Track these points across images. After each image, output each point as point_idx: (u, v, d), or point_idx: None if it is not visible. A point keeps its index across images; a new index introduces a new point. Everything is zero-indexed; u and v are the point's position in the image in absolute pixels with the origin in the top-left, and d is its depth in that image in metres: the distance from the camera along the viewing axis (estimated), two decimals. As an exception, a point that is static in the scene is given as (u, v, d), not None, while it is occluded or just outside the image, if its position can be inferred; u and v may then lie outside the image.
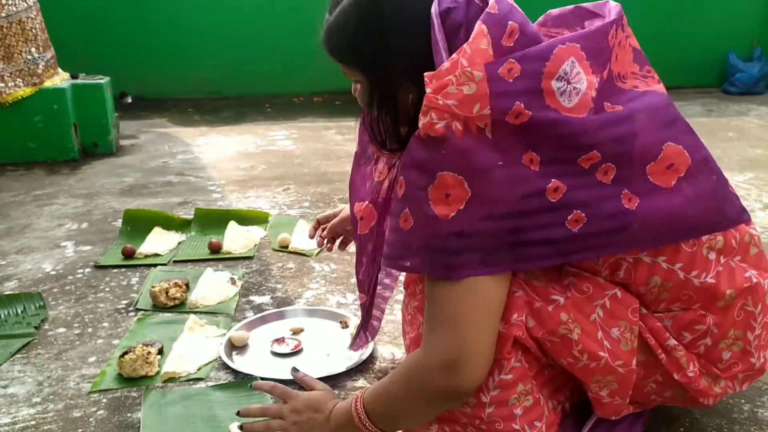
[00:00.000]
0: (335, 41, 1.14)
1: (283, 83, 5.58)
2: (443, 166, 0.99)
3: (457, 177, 0.99)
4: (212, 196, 2.94)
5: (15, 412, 1.40)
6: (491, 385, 1.06)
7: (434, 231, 1.00)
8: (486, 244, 0.99)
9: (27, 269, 2.14)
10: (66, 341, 1.68)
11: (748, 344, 1.11)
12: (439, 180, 0.99)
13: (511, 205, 0.99)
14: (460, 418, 1.11)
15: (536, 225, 1.00)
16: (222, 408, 1.40)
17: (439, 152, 0.98)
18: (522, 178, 0.99)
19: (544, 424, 1.11)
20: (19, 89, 3.39)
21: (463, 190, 0.99)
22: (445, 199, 0.99)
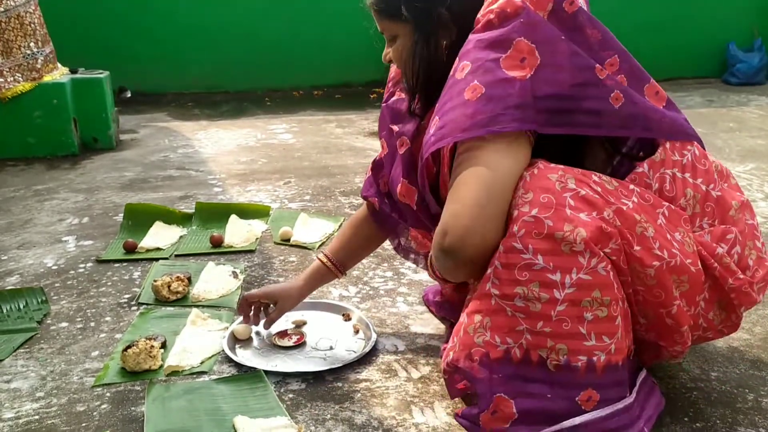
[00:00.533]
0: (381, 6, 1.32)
1: (283, 77, 5.58)
2: (520, 34, 1.14)
3: (530, 45, 1.14)
4: (213, 190, 2.94)
5: (18, 406, 1.40)
6: (567, 283, 1.07)
7: (511, 90, 1.13)
8: (550, 106, 1.13)
9: (29, 264, 2.14)
10: (69, 336, 1.68)
11: (759, 251, 1.24)
12: (516, 47, 1.14)
13: (572, 74, 1.15)
14: (517, 325, 1.09)
15: (588, 96, 1.16)
16: (225, 401, 1.40)
17: (518, 21, 1.15)
18: (578, 53, 1.16)
19: (614, 344, 1.09)
20: (18, 84, 3.38)
21: (534, 58, 1.14)
22: (521, 63, 1.14)
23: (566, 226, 1.06)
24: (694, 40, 5.94)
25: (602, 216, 1.08)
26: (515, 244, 1.08)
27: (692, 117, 1.18)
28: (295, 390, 1.44)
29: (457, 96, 1.16)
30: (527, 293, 1.08)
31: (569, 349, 1.08)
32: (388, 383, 1.46)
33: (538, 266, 1.07)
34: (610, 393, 1.10)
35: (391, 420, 1.33)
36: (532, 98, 1.13)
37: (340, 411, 1.36)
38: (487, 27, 1.19)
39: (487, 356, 1.12)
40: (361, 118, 4.57)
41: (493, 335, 1.11)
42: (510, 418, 1.12)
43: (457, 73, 1.19)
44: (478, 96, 1.14)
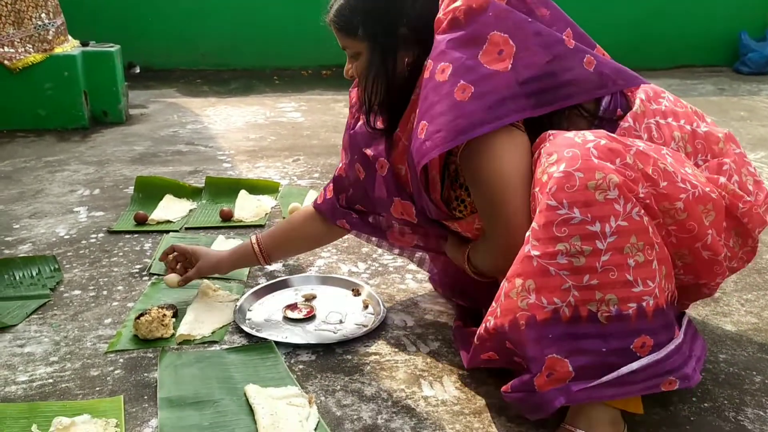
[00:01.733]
0: (345, 12, 1.32)
1: (291, 56, 5.56)
2: (491, 28, 1.19)
3: (502, 35, 1.19)
4: (222, 165, 2.94)
5: (32, 370, 1.41)
6: (608, 231, 1.05)
7: (499, 84, 1.17)
8: (535, 89, 1.18)
9: (41, 233, 2.15)
10: (82, 303, 1.70)
11: (754, 176, 1.26)
12: (491, 40, 1.18)
13: (546, 52, 1.20)
14: (563, 283, 1.07)
15: (564, 68, 1.21)
16: (237, 370, 1.41)
17: (486, 16, 1.19)
18: (545, 31, 1.22)
19: (657, 287, 1.08)
20: (29, 55, 3.38)
21: (510, 46, 1.19)
22: (499, 56, 1.18)
23: (597, 174, 1.06)
24: (706, 29, 5.90)
25: (625, 162, 1.09)
26: (549, 201, 1.07)
27: (703, 105, 1.21)
28: (305, 361, 1.45)
29: (446, 98, 1.18)
30: (569, 249, 1.06)
31: (619, 298, 1.06)
32: (398, 357, 1.47)
33: (576, 219, 1.06)
34: (662, 336, 1.09)
35: (401, 393, 1.34)
36: (517, 86, 1.17)
37: (350, 383, 1.38)
38: (453, 25, 1.21)
39: (534, 319, 1.09)
40: (370, 98, 4.55)
41: (539, 297, 1.09)
42: (567, 377, 1.10)
43: (437, 76, 1.20)
44: (469, 95, 1.16)
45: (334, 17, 1.35)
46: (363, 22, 1.31)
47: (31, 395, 1.33)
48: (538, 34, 1.21)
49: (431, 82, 1.21)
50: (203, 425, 1.23)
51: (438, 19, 1.25)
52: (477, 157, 1.22)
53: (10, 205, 2.41)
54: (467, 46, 1.19)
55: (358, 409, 1.29)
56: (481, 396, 1.33)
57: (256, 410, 1.25)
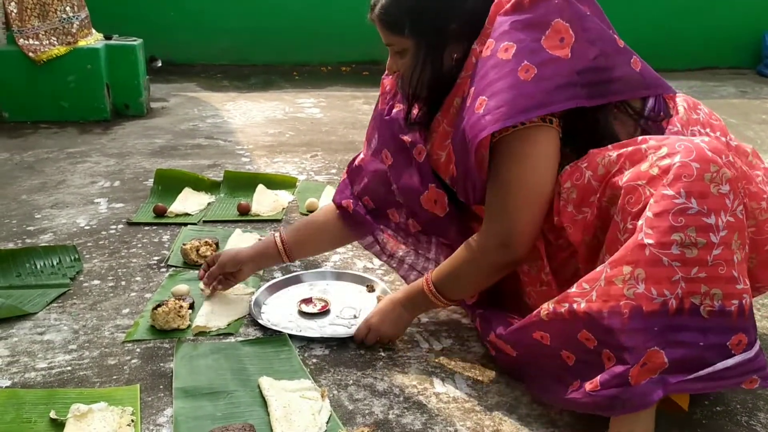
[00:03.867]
0: (392, 9, 1.32)
1: (311, 52, 5.58)
2: (555, 15, 1.22)
3: (564, 23, 1.22)
4: (241, 159, 2.97)
5: (51, 357, 1.44)
6: (721, 225, 1.05)
7: (560, 70, 1.20)
8: (590, 80, 1.22)
9: (62, 223, 2.19)
10: (100, 293, 1.73)
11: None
12: (554, 27, 1.22)
13: (601, 46, 1.24)
14: (673, 275, 1.05)
15: (614, 64, 1.26)
16: (251, 362, 1.43)
17: (551, 3, 1.23)
18: (601, 27, 1.26)
19: (746, 284, 1.08)
20: (53, 48, 3.43)
21: (569, 36, 1.22)
22: (560, 43, 1.21)
23: (713, 167, 1.05)
24: (729, 30, 5.83)
25: (729, 159, 1.09)
26: (666, 191, 1.06)
27: (725, 107, 1.22)
28: (319, 355, 1.47)
29: (509, 75, 1.20)
30: (684, 239, 1.04)
31: (723, 293, 1.05)
32: (410, 353, 1.48)
33: (692, 210, 1.04)
34: (753, 335, 1.08)
35: (412, 389, 1.35)
36: (575, 74, 1.21)
37: (363, 377, 1.39)
38: (517, 8, 1.24)
39: (640, 309, 1.06)
40: (389, 95, 4.56)
41: (649, 287, 1.05)
42: (660, 367, 1.06)
43: (500, 54, 1.22)
44: (532, 76, 1.19)
45: (380, 14, 1.34)
46: (411, 19, 1.31)
47: (50, 382, 1.36)
48: (594, 29, 1.25)
49: (492, 60, 1.23)
50: (216, 416, 1.25)
51: (499, 1, 1.28)
52: (508, 154, 1.24)
53: (33, 195, 2.45)
54: (531, 29, 1.22)
55: (370, 403, 1.31)
56: (492, 393, 1.34)
57: (269, 402, 1.27)
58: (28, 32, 3.39)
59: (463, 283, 1.37)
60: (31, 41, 3.39)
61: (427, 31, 1.32)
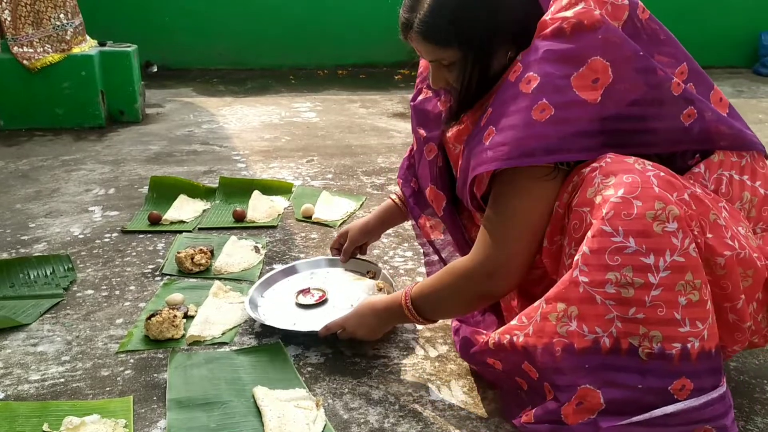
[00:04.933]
0: (436, 22, 1.18)
1: (308, 55, 5.57)
2: (595, 52, 1.08)
3: (604, 62, 1.08)
4: (237, 165, 2.96)
5: (44, 369, 1.43)
6: (662, 265, 1.00)
7: (583, 114, 1.08)
8: (616, 127, 1.09)
9: (56, 232, 2.18)
10: (94, 303, 1.72)
11: None
12: (590, 65, 1.08)
13: (644, 92, 1.10)
14: (607, 313, 1.03)
15: (658, 115, 1.12)
16: (246, 372, 1.42)
17: (595, 37, 1.08)
18: (653, 70, 1.11)
19: (707, 330, 1.02)
20: (47, 55, 3.42)
21: (607, 76, 1.08)
22: (592, 84, 1.08)
23: (657, 204, 1.01)
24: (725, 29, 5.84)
25: (683, 197, 1.04)
26: (604, 227, 1.02)
27: None
28: (314, 363, 1.46)
29: (522, 112, 1.10)
30: (619, 279, 1.01)
31: (663, 336, 1.01)
32: (406, 361, 1.47)
33: (630, 249, 1.01)
34: (705, 381, 1.03)
35: (408, 396, 1.35)
36: (599, 121, 1.09)
37: (358, 386, 1.38)
38: (557, 35, 1.11)
39: (572, 347, 1.05)
40: (386, 98, 4.56)
41: (581, 324, 1.04)
42: (596, 408, 1.05)
43: (522, 85, 1.11)
44: (547, 117, 1.08)
45: (421, 29, 1.20)
46: (458, 30, 1.18)
47: (43, 394, 1.35)
48: (645, 71, 1.11)
49: (513, 89, 1.13)
50: (210, 427, 1.24)
51: (544, 21, 1.15)
52: (511, 186, 1.17)
53: (27, 204, 2.44)
54: (563, 63, 1.09)
55: (366, 412, 1.30)
56: (488, 401, 1.33)
57: (264, 412, 1.26)
58: (23, 40, 3.38)
59: (442, 306, 1.31)
60: (25, 49, 3.38)
61: (474, 41, 1.18)
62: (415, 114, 1.48)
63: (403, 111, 4.19)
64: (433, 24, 1.18)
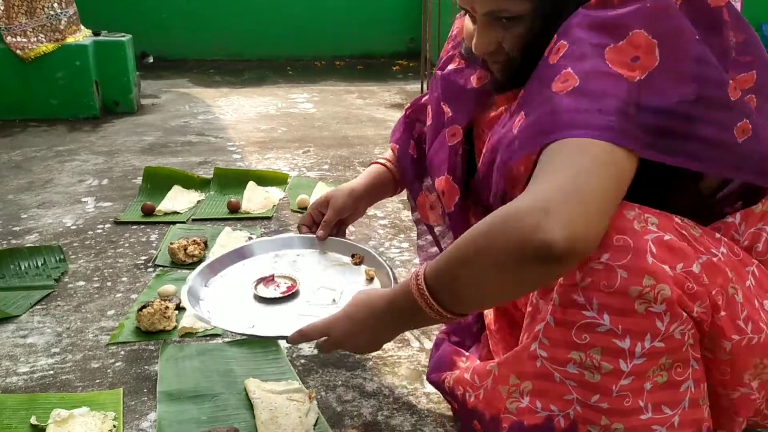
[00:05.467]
0: None
1: (305, 46, 5.53)
2: (641, 23, 0.86)
3: (651, 40, 0.85)
4: (232, 156, 2.93)
5: (33, 361, 1.41)
6: (638, 352, 0.83)
7: (613, 90, 0.84)
8: (658, 124, 0.84)
9: (48, 223, 2.15)
10: (85, 294, 1.70)
11: None
12: (631, 39, 0.86)
13: (697, 87, 0.85)
14: (566, 393, 0.88)
15: (708, 119, 0.86)
16: (238, 364, 1.40)
17: (642, 6, 0.86)
18: (710, 62, 0.86)
19: (678, 415, 0.87)
20: (41, 45, 3.39)
21: (652, 58, 0.85)
22: (630, 63, 0.85)
23: (646, 280, 0.81)
24: (726, 20, 5.80)
25: (690, 269, 0.84)
26: (576, 296, 0.84)
27: None
28: (307, 356, 1.44)
29: (544, 86, 0.90)
30: (584, 360, 0.85)
31: (626, 427, 0.86)
32: (401, 353, 1.45)
33: (603, 328, 0.83)
34: None
35: (402, 389, 1.33)
36: (635, 108, 0.84)
37: (351, 378, 1.36)
38: (603, 3, 0.90)
39: (521, 425, 0.92)
40: (383, 89, 4.53)
41: (534, 401, 0.91)
42: None
43: (551, 56, 0.91)
44: (569, 88, 0.86)
45: None
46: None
47: (32, 387, 1.33)
48: (699, 61, 0.86)
49: (542, 62, 0.93)
50: (201, 419, 1.22)
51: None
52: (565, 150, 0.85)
53: (20, 195, 2.41)
54: (599, 31, 0.88)
55: (359, 404, 1.28)
56: (483, 394, 1.31)
57: (256, 405, 1.24)
58: (16, 29, 3.34)
59: (474, 283, 0.86)
60: (18, 39, 3.35)
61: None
62: (442, 85, 1.19)
63: (400, 102, 4.17)
64: None
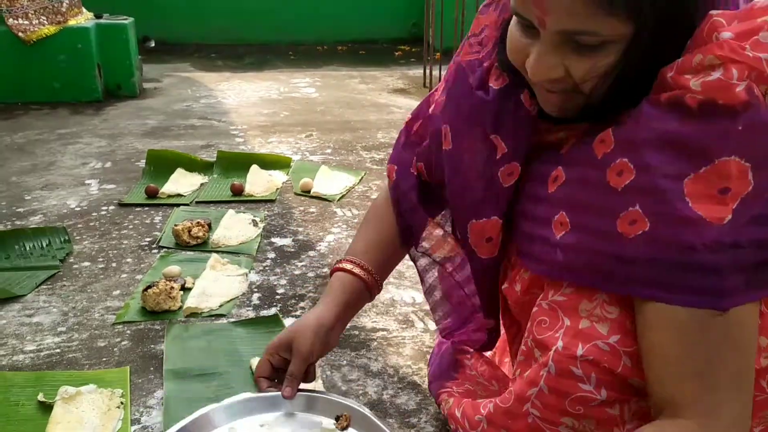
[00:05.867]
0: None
1: (307, 31, 5.52)
2: (731, 149, 0.67)
3: (742, 164, 0.68)
4: (235, 140, 2.93)
5: (40, 339, 1.42)
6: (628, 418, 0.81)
7: (694, 240, 0.69)
8: (754, 258, 0.70)
9: (52, 205, 2.15)
10: (90, 275, 1.70)
11: None
12: (718, 168, 0.68)
13: None
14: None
15: None
16: (243, 343, 1.41)
17: (733, 127, 0.67)
18: None
19: None
20: (43, 27, 3.38)
21: (745, 183, 0.68)
22: (719, 196, 0.68)
23: None
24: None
25: None
26: (574, 368, 0.79)
27: None
28: (312, 336, 1.45)
29: (605, 214, 0.75)
30: (577, 426, 0.82)
31: None
32: (405, 333, 1.46)
33: (596, 402, 0.79)
34: None
35: (407, 369, 1.33)
36: (725, 250, 0.69)
37: (356, 358, 1.37)
38: (675, 106, 0.70)
39: None
40: (386, 74, 4.52)
41: None
42: None
43: (610, 173, 0.74)
44: (637, 233, 0.72)
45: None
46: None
47: (39, 364, 1.33)
48: None
49: (597, 171, 0.76)
50: (208, 397, 1.23)
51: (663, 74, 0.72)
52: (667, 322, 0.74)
53: (23, 177, 2.41)
54: (678, 152, 0.70)
55: (364, 384, 1.29)
56: (488, 374, 1.32)
57: (261, 383, 1.25)
58: (17, 12, 3.33)
59: None
60: (20, 21, 3.34)
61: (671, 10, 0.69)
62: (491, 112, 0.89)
63: (403, 87, 4.16)
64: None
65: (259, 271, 1.73)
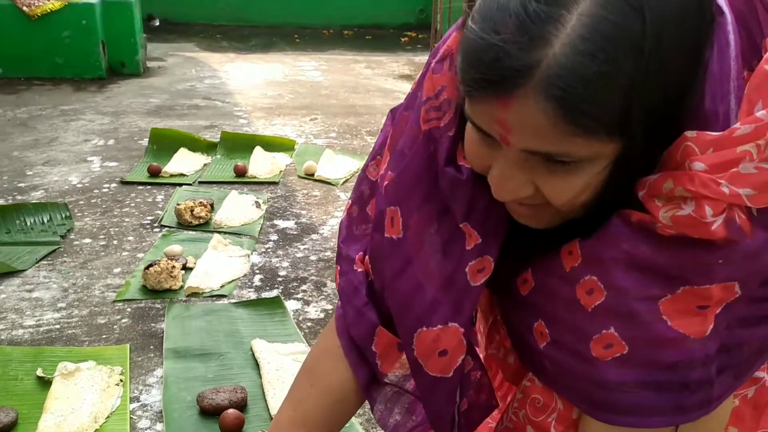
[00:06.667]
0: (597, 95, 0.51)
1: (313, 15, 5.48)
2: (712, 278, 0.61)
3: (727, 284, 0.62)
4: (238, 121, 2.91)
5: (39, 315, 1.41)
6: None
7: (677, 358, 0.64)
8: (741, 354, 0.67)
9: (53, 180, 2.14)
10: (91, 251, 1.69)
11: None
12: (698, 291, 0.62)
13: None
14: None
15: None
16: (244, 324, 1.40)
17: (713, 258, 0.59)
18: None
19: None
20: (48, 2, 3.34)
21: (730, 293, 0.62)
22: (698, 311, 0.62)
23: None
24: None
25: None
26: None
27: None
28: (314, 319, 1.44)
29: (581, 334, 0.67)
30: None
31: None
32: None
33: None
34: None
35: None
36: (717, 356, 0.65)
37: None
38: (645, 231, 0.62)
39: None
40: (391, 60, 4.48)
41: None
42: None
43: (579, 290, 0.66)
44: (615, 356, 0.65)
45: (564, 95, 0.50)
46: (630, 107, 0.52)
47: (38, 340, 1.32)
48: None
49: (567, 286, 0.67)
50: (208, 377, 1.22)
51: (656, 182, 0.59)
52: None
53: (25, 152, 2.39)
54: (652, 276, 0.62)
55: None
56: (490, 361, 1.31)
57: (262, 365, 1.24)
58: (22, -15, 3.30)
59: None
60: (25, -5, 3.31)
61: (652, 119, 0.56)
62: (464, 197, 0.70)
63: (409, 73, 4.13)
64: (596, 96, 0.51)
65: (261, 253, 1.71)
